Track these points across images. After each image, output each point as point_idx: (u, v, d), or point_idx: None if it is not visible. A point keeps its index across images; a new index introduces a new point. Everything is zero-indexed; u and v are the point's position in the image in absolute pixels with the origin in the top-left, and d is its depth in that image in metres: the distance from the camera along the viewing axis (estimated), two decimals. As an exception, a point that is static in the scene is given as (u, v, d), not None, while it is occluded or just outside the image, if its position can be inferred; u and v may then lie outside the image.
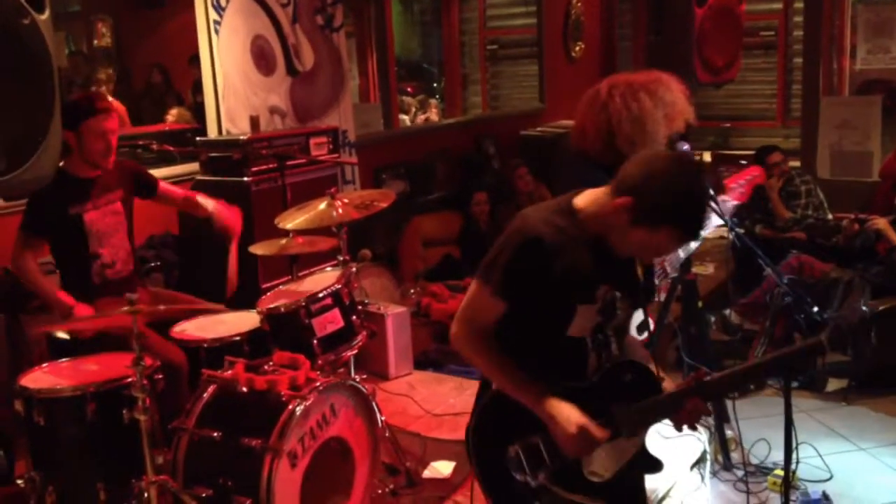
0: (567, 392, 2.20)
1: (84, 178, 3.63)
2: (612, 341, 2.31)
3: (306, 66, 5.49)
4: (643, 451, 2.36)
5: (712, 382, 2.26)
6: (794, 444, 3.13)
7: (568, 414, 2.16)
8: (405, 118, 9.02)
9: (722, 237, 6.11)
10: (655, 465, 2.39)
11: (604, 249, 2.19)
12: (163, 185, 3.96)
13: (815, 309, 4.12)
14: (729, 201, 3.37)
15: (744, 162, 5.69)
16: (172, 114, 7.02)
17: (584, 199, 2.22)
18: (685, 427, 2.30)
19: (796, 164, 7.15)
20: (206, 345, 3.47)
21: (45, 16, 2.98)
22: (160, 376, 3.04)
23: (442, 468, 3.76)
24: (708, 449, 3.73)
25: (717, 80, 4.37)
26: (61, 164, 3.61)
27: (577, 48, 8.48)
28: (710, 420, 4.25)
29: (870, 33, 7.90)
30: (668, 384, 2.34)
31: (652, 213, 2.07)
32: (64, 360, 3.25)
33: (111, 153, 3.62)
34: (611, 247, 2.19)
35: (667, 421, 2.32)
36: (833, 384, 5.15)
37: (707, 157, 7.65)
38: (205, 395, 3.11)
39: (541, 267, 2.14)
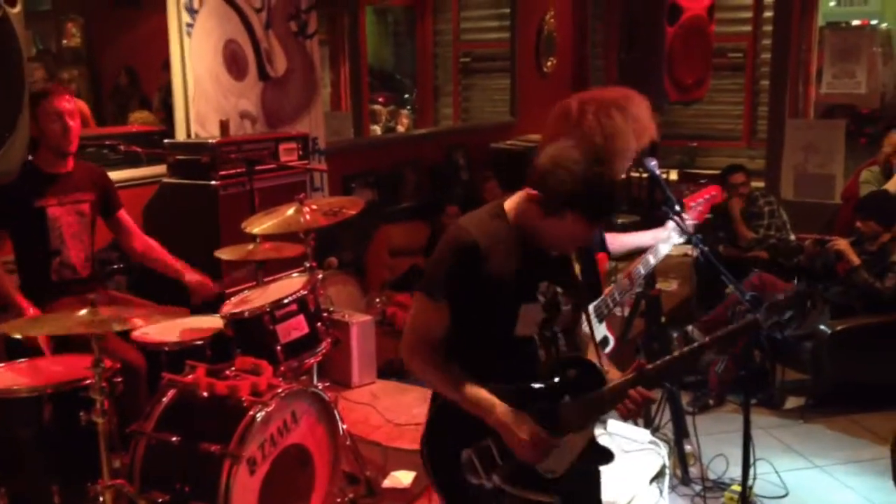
0: (517, 392, 2.25)
1: (52, 173, 3.62)
2: (559, 338, 2.37)
3: (278, 72, 5.48)
4: (593, 443, 2.41)
5: (653, 370, 2.33)
6: (751, 461, 3.18)
7: (519, 422, 2.21)
8: (376, 128, 9.03)
9: (686, 254, 6.21)
10: (606, 456, 2.44)
11: (535, 247, 2.27)
12: (123, 213, 3.93)
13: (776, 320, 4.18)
14: (688, 220, 3.41)
15: (703, 181, 5.75)
16: (136, 117, 6.96)
17: (512, 200, 2.31)
18: (631, 415, 2.37)
19: (760, 184, 7.25)
20: (167, 348, 3.45)
21: (17, 9, 2.96)
22: (119, 379, 3.01)
23: (402, 478, 3.76)
24: (667, 463, 3.75)
25: (686, 98, 4.43)
26: (31, 157, 3.60)
27: (549, 63, 8.54)
28: (670, 435, 4.29)
29: (835, 58, 8.05)
30: (614, 374, 2.40)
31: (554, 200, 2.17)
32: (21, 360, 3.21)
33: (70, 135, 3.60)
34: (542, 243, 2.27)
35: (613, 412, 2.38)
36: (791, 402, 5.22)
37: (674, 175, 7.74)
38: (164, 398, 3.08)
39: (478, 270, 2.21)
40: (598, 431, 2.43)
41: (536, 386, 2.28)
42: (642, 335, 4.45)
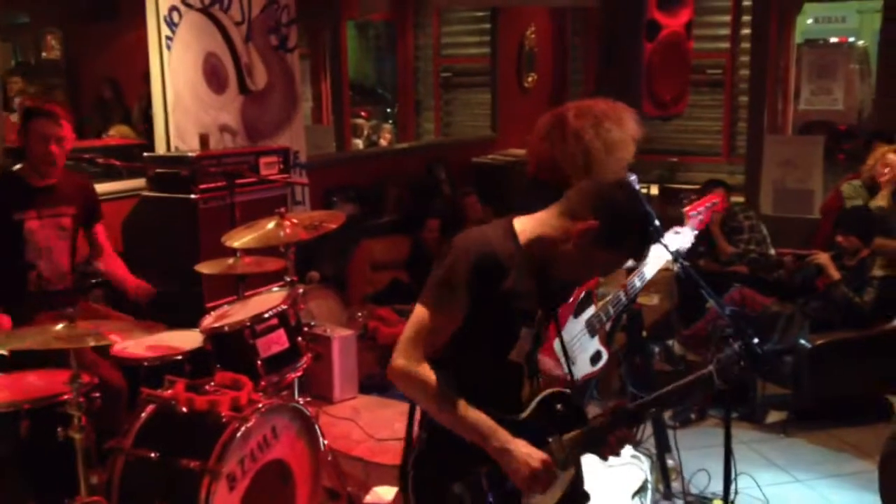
0: (506, 423, 2.17)
1: (35, 186, 3.59)
2: (537, 367, 2.34)
3: (259, 86, 5.47)
4: (575, 483, 2.36)
5: (632, 410, 2.32)
6: (733, 475, 3.18)
7: (527, 449, 2.14)
8: (358, 141, 9.03)
9: (667, 269, 6.21)
10: (584, 499, 2.41)
11: (543, 274, 2.23)
12: (100, 227, 3.92)
13: (756, 340, 4.16)
14: (688, 231, 3.43)
15: (694, 196, 5.75)
16: (115, 130, 6.92)
17: (525, 222, 2.24)
18: (609, 456, 2.33)
19: (740, 199, 7.30)
20: (146, 363, 3.41)
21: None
22: (97, 394, 2.97)
23: (384, 493, 3.73)
24: (649, 478, 3.75)
25: (664, 113, 4.45)
26: (16, 168, 3.58)
27: (530, 79, 8.57)
28: (652, 449, 4.28)
29: (813, 75, 8.14)
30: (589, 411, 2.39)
31: (615, 235, 2.16)
32: (-1, 374, 3.17)
33: (52, 160, 3.58)
34: (549, 271, 2.23)
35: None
36: (773, 416, 5.23)
37: (654, 189, 7.78)
38: (143, 414, 3.05)
39: (496, 285, 2.13)
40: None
41: (522, 418, 2.23)
42: (624, 349, 4.45)
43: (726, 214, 6.37)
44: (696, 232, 3.55)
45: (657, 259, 3.46)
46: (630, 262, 3.25)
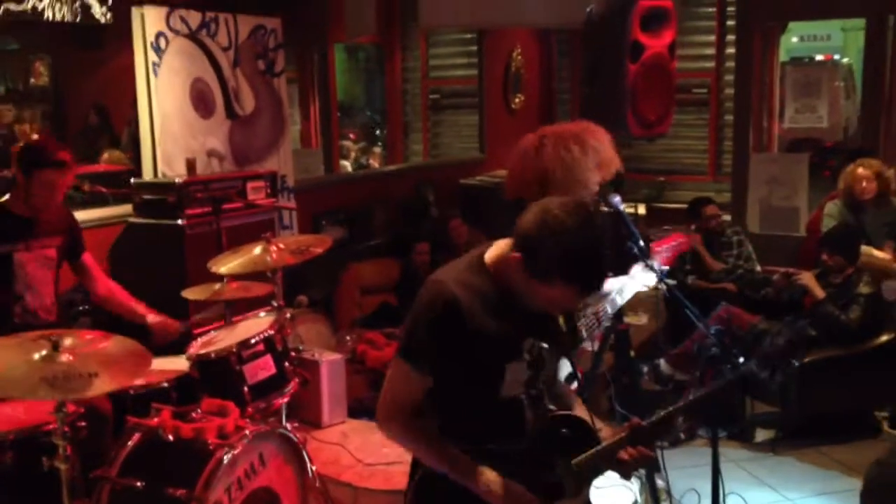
0: (506, 456, 2.14)
1: (23, 217, 3.58)
2: (544, 394, 2.28)
3: (246, 110, 5.49)
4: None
5: (648, 427, 2.25)
6: (722, 494, 3.19)
7: (520, 495, 2.11)
8: (346, 163, 9.05)
9: (656, 288, 6.23)
10: None
11: (519, 302, 2.13)
12: (88, 257, 3.89)
13: (741, 360, 4.16)
14: (654, 263, 3.44)
15: (667, 228, 5.77)
16: (107, 157, 6.93)
17: (493, 252, 2.16)
18: (631, 475, 2.30)
19: (727, 217, 7.33)
20: (132, 391, 3.40)
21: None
22: (83, 423, 2.96)
23: (373, 518, 3.72)
24: (639, 499, 3.74)
25: (649, 133, 4.48)
26: (4, 199, 3.58)
27: (517, 100, 8.62)
28: (641, 469, 4.28)
29: (797, 93, 8.20)
30: (606, 432, 2.31)
31: (543, 268, 2.01)
32: (-18, 405, 3.15)
33: (53, 206, 3.60)
34: (524, 300, 2.13)
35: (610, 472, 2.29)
36: (761, 434, 5.23)
37: (642, 209, 7.81)
38: (129, 442, 3.04)
39: (461, 329, 2.05)
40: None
41: (524, 446, 2.18)
42: (612, 369, 4.45)
43: (717, 230, 6.41)
44: (664, 268, 3.56)
45: (630, 286, 3.46)
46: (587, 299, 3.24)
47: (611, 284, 3.44)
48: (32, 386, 2.54)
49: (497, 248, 2.16)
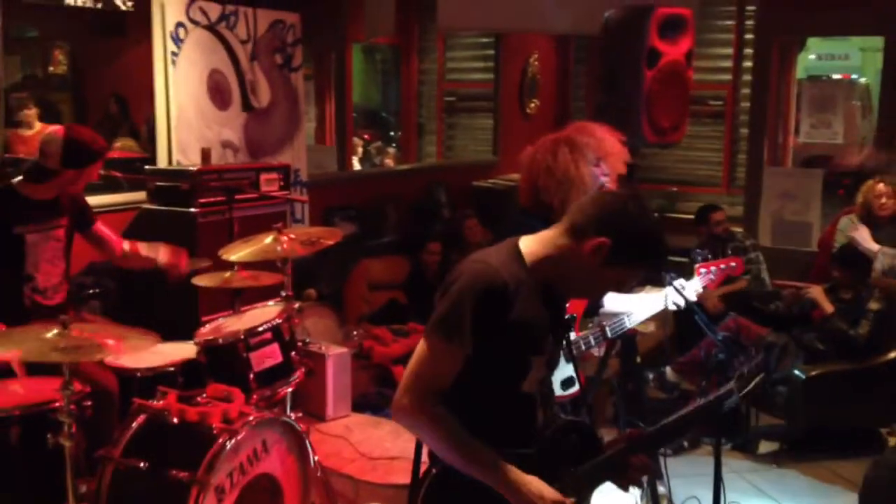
0: (516, 459, 2.10)
1: (33, 199, 3.60)
2: (550, 395, 2.28)
3: (262, 103, 5.51)
4: None
5: (650, 436, 2.26)
6: (723, 503, 3.17)
7: (540, 489, 2.06)
8: (353, 159, 9.04)
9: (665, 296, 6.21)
10: None
11: (550, 296, 2.15)
12: (100, 225, 3.90)
13: (746, 370, 4.12)
14: (694, 286, 3.43)
15: (710, 255, 5.75)
16: (120, 144, 6.96)
17: (530, 243, 2.15)
18: (630, 486, 2.27)
19: (739, 230, 7.32)
20: (139, 374, 3.42)
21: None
22: (89, 403, 2.98)
23: (373, 512, 3.72)
24: (640, 504, 3.74)
25: (663, 140, 4.48)
26: (14, 181, 3.60)
27: (532, 105, 8.62)
28: (644, 477, 4.27)
29: (813, 109, 8.19)
30: (611, 440, 2.32)
31: (630, 251, 2.07)
32: (-10, 381, 3.17)
33: (77, 193, 3.70)
34: (555, 292, 2.15)
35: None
36: (765, 446, 5.22)
37: (654, 218, 7.79)
38: (134, 424, 3.05)
39: (505, 314, 2.04)
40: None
41: (533, 451, 2.16)
42: (617, 376, 4.45)
43: (724, 236, 6.42)
44: (701, 290, 3.53)
45: (651, 304, 3.45)
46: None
47: (621, 304, 3.44)
48: (43, 353, 2.63)
49: (536, 239, 2.16)
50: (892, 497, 3.08)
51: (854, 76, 16.78)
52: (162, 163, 4.95)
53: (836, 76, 16.74)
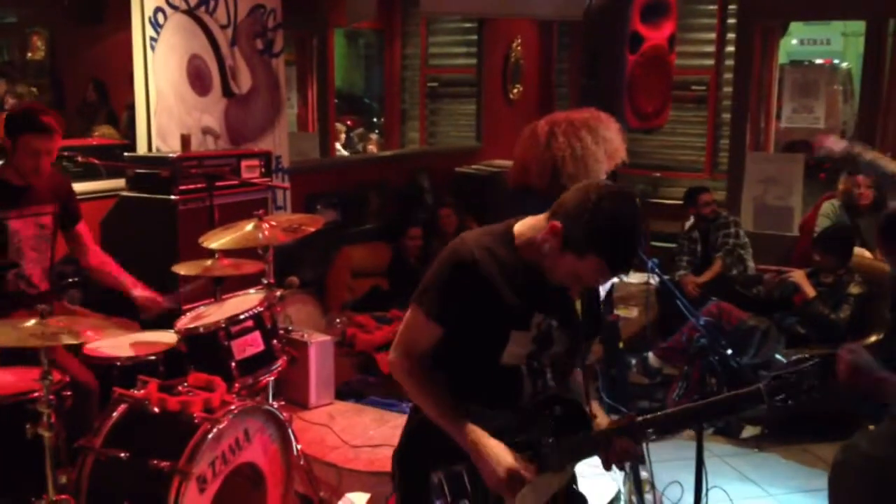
0: (498, 419, 2.20)
1: (16, 185, 3.56)
2: (547, 371, 2.32)
3: (243, 89, 5.46)
4: (569, 487, 2.36)
5: (644, 424, 2.29)
6: (705, 488, 3.19)
7: (497, 455, 2.15)
8: (339, 147, 9.01)
9: (647, 282, 6.25)
10: (580, 502, 2.39)
11: (538, 277, 2.20)
12: (82, 227, 3.84)
13: (730, 352, 4.18)
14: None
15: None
16: (99, 133, 6.89)
17: (523, 225, 2.25)
18: (612, 465, 2.30)
19: (724, 212, 7.34)
20: (119, 363, 3.39)
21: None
22: (69, 393, 2.95)
23: (356, 500, 3.72)
24: (622, 490, 3.76)
25: (646, 125, 4.47)
26: None
27: (516, 90, 8.60)
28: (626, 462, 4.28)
29: (795, 94, 8.20)
30: (602, 421, 2.35)
31: (579, 239, 2.08)
32: (-32, 371, 3.14)
33: (40, 172, 3.55)
34: (544, 275, 2.20)
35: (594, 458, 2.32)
36: (748, 430, 5.24)
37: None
38: (114, 414, 3.04)
39: (474, 290, 2.16)
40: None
41: (517, 414, 2.24)
42: (600, 361, 4.46)
43: (711, 217, 6.48)
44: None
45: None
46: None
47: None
48: (22, 338, 2.64)
49: (529, 222, 2.25)
50: (861, 481, 3.09)
51: (836, 61, 16.85)
52: (141, 149, 4.91)
53: (818, 61, 16.79)
